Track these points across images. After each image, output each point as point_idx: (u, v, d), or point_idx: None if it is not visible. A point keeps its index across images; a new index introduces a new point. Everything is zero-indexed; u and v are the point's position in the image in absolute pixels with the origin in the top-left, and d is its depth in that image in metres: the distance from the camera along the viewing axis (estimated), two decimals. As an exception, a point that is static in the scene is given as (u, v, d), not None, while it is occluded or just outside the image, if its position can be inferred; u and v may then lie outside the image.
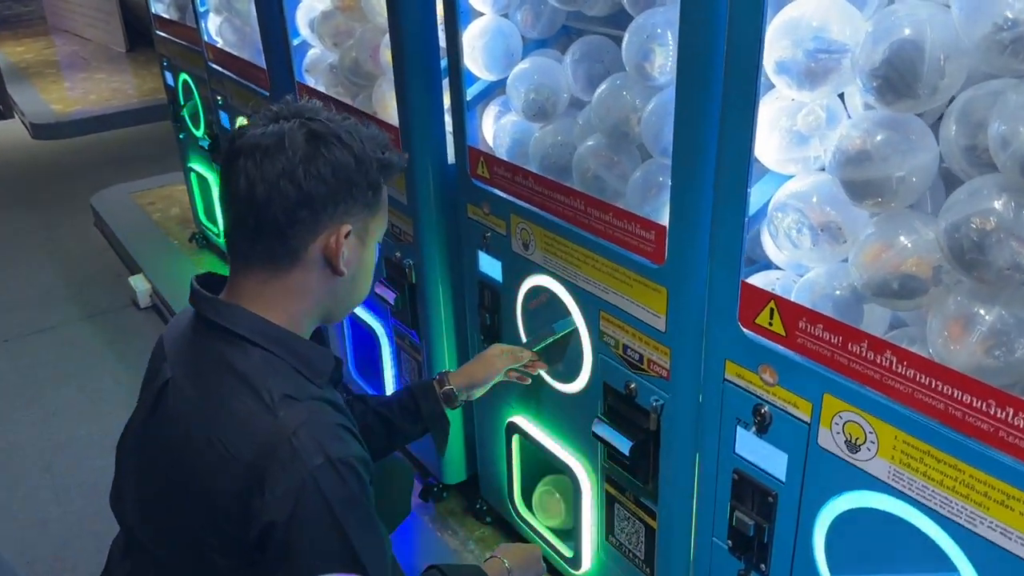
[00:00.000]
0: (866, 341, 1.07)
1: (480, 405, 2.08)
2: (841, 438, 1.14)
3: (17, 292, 3.94)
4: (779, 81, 1.11)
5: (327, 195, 1.08)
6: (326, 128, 1.09)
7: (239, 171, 1.08)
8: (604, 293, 1.55)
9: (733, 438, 1.32)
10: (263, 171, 1.06)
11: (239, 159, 1.08)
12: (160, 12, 3.66)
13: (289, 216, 1.07)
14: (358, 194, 1.11)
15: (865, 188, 1.04)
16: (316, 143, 1.08)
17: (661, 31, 1.37)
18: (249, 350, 1.10)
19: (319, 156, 1.07)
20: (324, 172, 1.07)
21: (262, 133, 1.08)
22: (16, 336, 3.55)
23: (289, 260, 1.11)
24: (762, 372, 1.22)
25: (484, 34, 1.75)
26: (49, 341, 3.50)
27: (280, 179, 1.06)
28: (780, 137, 1.16)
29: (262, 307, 1.12)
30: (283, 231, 1.08)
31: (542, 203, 1.66)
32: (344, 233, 1.11)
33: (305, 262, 1.11)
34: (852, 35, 1.05)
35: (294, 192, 1.06)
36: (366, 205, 1.14)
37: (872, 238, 1.06)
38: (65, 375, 3.23)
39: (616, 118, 1.49)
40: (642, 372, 1.51)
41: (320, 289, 1.15)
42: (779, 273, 1.26)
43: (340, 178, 1.09)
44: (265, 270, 1.12)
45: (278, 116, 1.11)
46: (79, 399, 3.07)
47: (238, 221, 1.11)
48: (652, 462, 1.54)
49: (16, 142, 6.35)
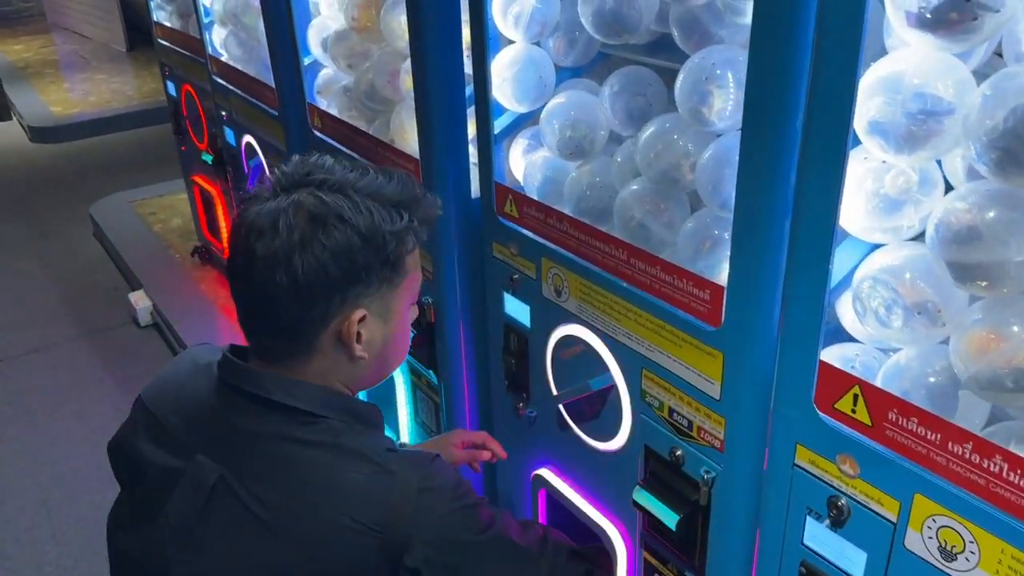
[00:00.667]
0: (971, 442, 0.94)
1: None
2: (934, 543, 1.01)
3: (11, 308, 3.81)
4: (871, 142, 0.98)
5: (329, 285, 0.97)
6: (326, 207, 0.96)
7: (238, 248, 0.98)
8: (648, 351, 1.42)
9: (802, 527, 1.19)
10: (257, 257, 0.95)
11: (240, 232, 0.98)
12: (162, 20, 3.51)
13: (288, 312, 0.97)
14: (369, 276, 0.99)
15: (975, 271, 0.91)
16: (315, 226, 0.95)
17: (721, 72, 1.23)
18: (326, 423, 1.02)
19: (316, 241, 0.95)
20: (323, 259, 0.95)
21: (259, 211, 0.96)
22: (9, 357, 3.42)
23: (303, 351, 1.02)
24: (841, 462, 1.09)
25: (515, 64, 1.62)
26: (44, 362, 3.37)
27: (275, 269, 0.95)
28: (865, 201, 1.03)
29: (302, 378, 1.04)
30: (287, 326, 0.99)
31: (578, 249, 1.53)
32: (357, 319, 1.00)
33: (320, 350, 1.01)
34: (958, 94, 0.92)
35: (290, 283, 0.95)
36: (383, 282, 1.01)
37: (979, 325, 0.93)
38: (61, 400, 3.10)
39: (666, 164, 1.35)
40: (691, 439, 1.38)
41: (343, 370, 1.05)
42: (858, 347, 1.13)
43: (343, 264, 0.96)
44: (283, 357, 1.03)
45: (281, 186, 0.98)
46: (77, 426, 2.95)
47: (244, 309, 1.02)
48: (701, 538, 1.41)
49: (13, 146, 6.21)
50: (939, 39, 0.89)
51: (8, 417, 3.03)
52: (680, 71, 1.29)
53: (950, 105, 0.92)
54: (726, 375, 1.27)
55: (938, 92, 0.92)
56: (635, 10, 1.39)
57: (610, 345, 1.51)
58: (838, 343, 1.16)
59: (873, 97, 0.95)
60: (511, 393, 1.83)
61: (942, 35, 0.89)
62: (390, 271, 1.01)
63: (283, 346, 1.01)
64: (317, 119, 2.29)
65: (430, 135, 1.80)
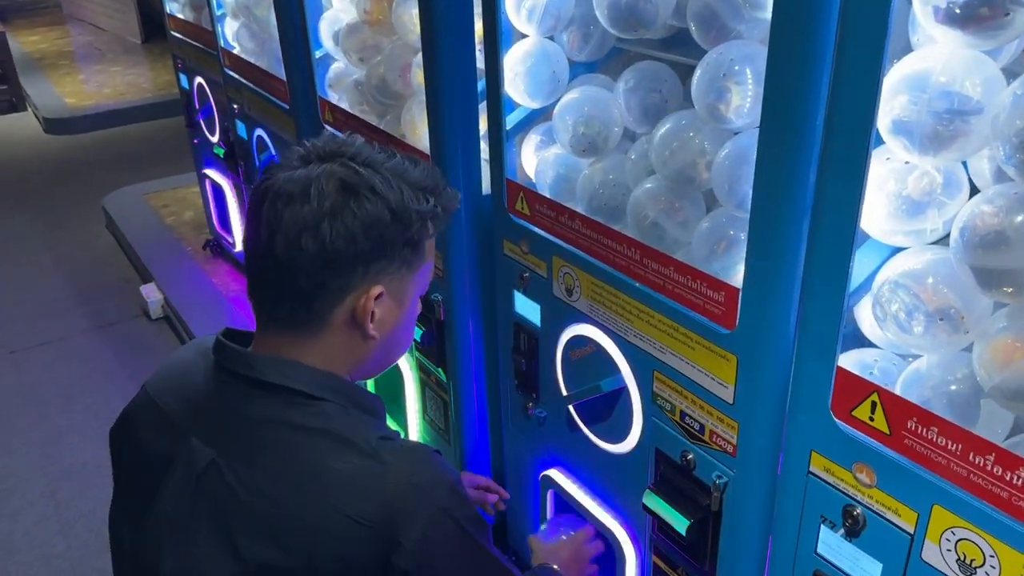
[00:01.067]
0: (993, 453, 0.91)
1: (511, 454, 1.94)
2: (952, 556, 0.98)
3: (23, 300, 3.82)
4: (894, 142, 0.94)
5: (355, 255, 0.94)
6: (359, 177, 0.94)
7: (261, 219, 0.94)
8: (660, 352, 1.39)
9: (815, 536, 1.16)
10: (284, 222, 0.93)
11: (263, 204, 0.95)
12: (175, 12, 3.50)
13: (311, 278, 0.94)
14: (393, 253, 0.97)
15: (1001, 277, 0.87)
16: (347, 195, 0.93)
17: (739, 68, 1.20)
18: (320, 406, 0.98)
19: (347, 210, 0.93)
20: (353, 228, 0.93)
21: (288, 177, 0.94)
22: (20, 349, 3.42)
23: (315, 324, 0.98)
24: (857, 471, 1.06)
25: (528, 58, 1.59)
26: (55, 354, 3.37)
27: (303, 234, 0.92)
28: (887, 202, 1.00)
29: (301, 360, 1.00)
30: (305, 293, 0.95)
31: (589, 248, 1.50)
32: (375, 295, 0.97)
33: (333, 325, 0.98)
34: (987, 93, 0.88)
35: (316, 250, 0.92)
36: (403, 263, 0.99)
37: (1004, 333, 0.90)
38: (72, 393, 3.10)
39: (681, 162, 1.32)
40: (702, 443, 1.36)
41: (352, 351, 1.02)
42: (877, 353, 1.10)
43: (372, 236, 0.94)
44: (292, 331, 0.99)
45: (311, 156, 0.96)
46: (87, 419, 2.94)
47: (258, 279, 0.99)
48: (711, 544, 1.38)
49: (28, 137, 6.23)
50: (968, 35, 0.86)
51: (18, 409, 3.03)
52: (697, 67, 1.26)
53: (978, 104, 0.88)
54: (740, 379, 1.24)
55: (966, 91, 0.89)
56: (651, 4, 1.35)
57: (621, 346, 1.48)
58: (856, 348, 1.13)
59: (897, 95, 0.91)
60: (520, 392, 1.81)
61: (971, 31, 0.85)
62: (411, 252, 0.99)
63: (295, 318, 0.97)
64: (328, 113, 2.27)
65: (441, 130, 1.77)
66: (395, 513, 0.93)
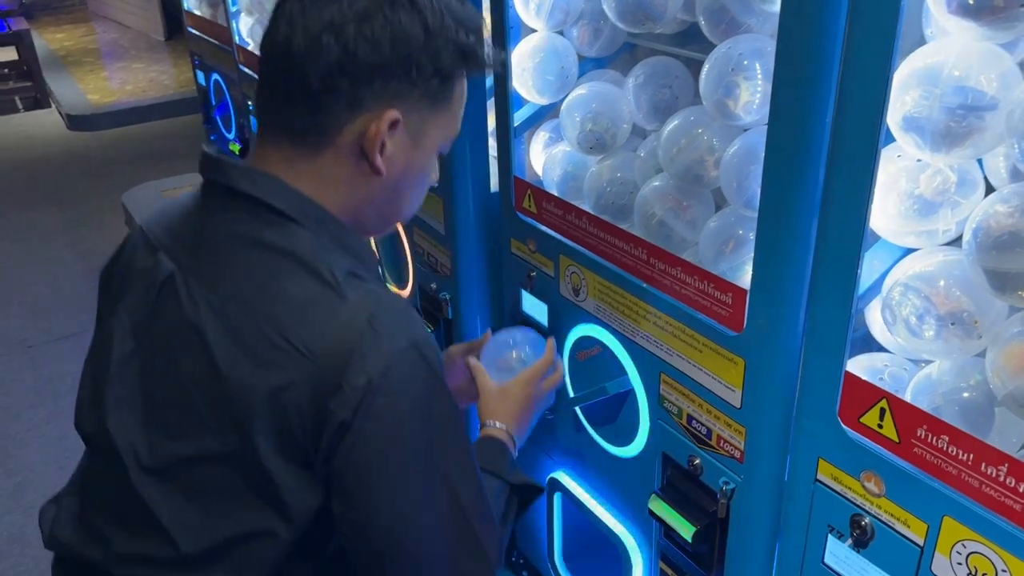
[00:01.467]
0: (1007, 464, 0.87)
1: (520, 456, 1.91)
2: (963, 570, 0.95)
3: (42, 295, 3.85)
4: (905, 139, 0.91)
5: (376, 65, 0.87)
6: None
7: (282, 16, 0.88)
8: (667, 355, 1.36)
9: (822, 546, 1.12)
10: (307, 18, 0.86)
11: (287, 2, 0.89)
12: (192, 8, 3.51)
13: (324, 80, 0.86)
14: (418, 77, 0.89)
15: (1016, 280, 0.84)
16: (381, 0, 0.87)
17: (748, 63, 1.17)
18: (293, 228, 0.90)
19: (380, 16, 0.86)
20: (380, 35, 0.86)
21: None
22: (39, 343, 3.45)
23: (317, 140, 0.90)
24: (865, 479, 1.03)
25: (536, 54, 1.56)
26: (73, 349, 3.39)
27: (324, 32, 0.85)
28: (898, 202, 0.96)
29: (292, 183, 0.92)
30: (314, 97, 0.88)
31: (597, 247, 1.47)
32: (389, 121, 0.89)
33: (337, 146, 0.90)
34: (1002, 88, 0.84)
35: (336, 50, 0.85)
36: (427, 94, 0.91)
37: (1019, 338, 0.86)
38: (88, 387, 3.12)
39: (689, 159, 1.29)
40: (709, 448, 1.32)
41: (352, 185, 0.93)
42: (887, 358, 1.06)
43: (399, 49, 0.87)
44: (292, 144, 0.92)
45: None
46: (101, 414, 2.96)
47: (269, 78, 0.92)
48: (718, 551, 1.35)
49: (52, 134, 6.30)
50: (983, 27, 0.82)
51: (35, 403, 3.05)
52: (705, 61, 1.23)
53: (993, 100, 0.85)
54: (747, 383, 1.21)
55: (980, 85, 0.85)
56: (660, -3, 1.32)
57: (628, 347, 1.45)
58: (866, 352, 1.10)
59: (909, 90, 0.88)
60: (528, 394, 1.78)
61: (986, 23, 0.82)
62: (438, 85, 0.91)
63: (297, 127, 0.90)
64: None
65: (449, 127, 1.75)
66: (342, 352, 0.84)
